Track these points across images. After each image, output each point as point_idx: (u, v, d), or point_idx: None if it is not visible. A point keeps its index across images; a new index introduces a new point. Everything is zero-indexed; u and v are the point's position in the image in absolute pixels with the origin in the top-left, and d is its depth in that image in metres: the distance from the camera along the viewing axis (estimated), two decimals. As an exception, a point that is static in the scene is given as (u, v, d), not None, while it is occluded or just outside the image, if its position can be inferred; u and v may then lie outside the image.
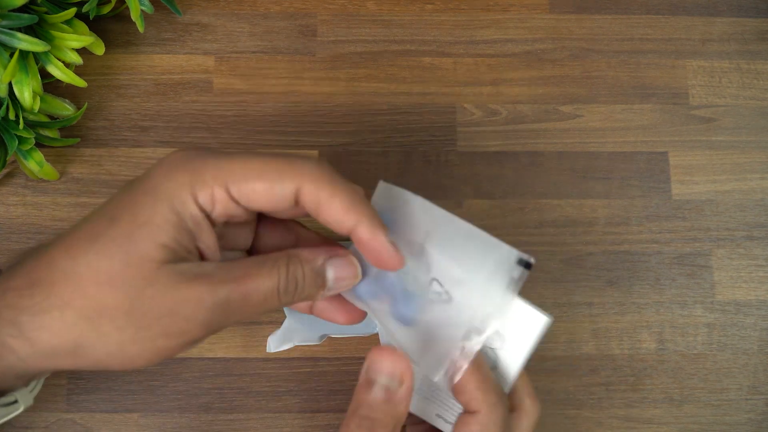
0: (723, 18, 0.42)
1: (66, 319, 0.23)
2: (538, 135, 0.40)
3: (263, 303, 0.24)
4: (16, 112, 0.34)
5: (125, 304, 0.23)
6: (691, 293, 0.38)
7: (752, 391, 0.37)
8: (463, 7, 0.41)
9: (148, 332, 0.23)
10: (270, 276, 0.24)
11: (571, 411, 0.37)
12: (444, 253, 0.26)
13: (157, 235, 0.23)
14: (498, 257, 0.26)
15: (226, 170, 0.24)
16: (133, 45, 0.40)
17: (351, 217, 0.24)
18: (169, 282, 0.23)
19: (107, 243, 0.23)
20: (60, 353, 0.23)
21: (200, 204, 0.24)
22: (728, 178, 0.40)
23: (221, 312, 0.23)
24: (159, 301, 0.23)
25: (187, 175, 0.24)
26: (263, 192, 0.24)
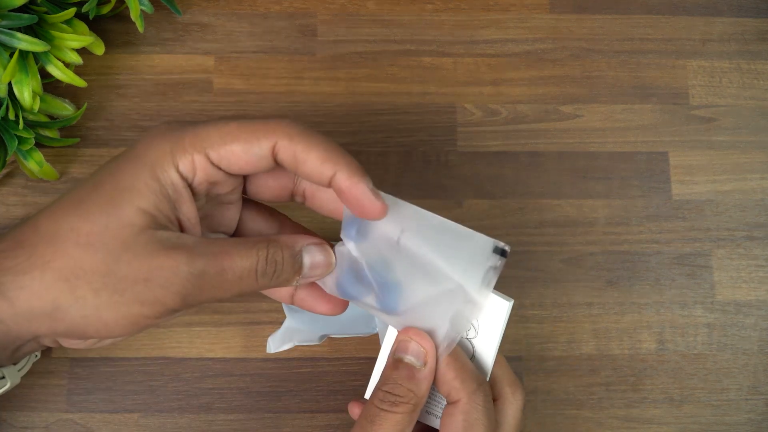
0: (723, 18, 0.42)
1: (45, 279, 0.23)
2: (538, 135, 0.40)
3: (239, 282, 0.25)
4: (16, 112, 0.34)
5: (102, 266, 0.23)
6: (691, 293, 0.38)
7: (752, 391, 0.37)
8: (463, 7, 0.41)
9: (122, 297, 0.23)
10: (248, 256, 0.25)
11: (571, 411, 0.37)
12: (420, 248, 0.27)
13: (137, 200, 0.24)
14: (474, 247, 0.26)
15: (204, 136, 0.25)
16: (133, 45, 0.40)
17: (328, 166, 0.25)
18: (147, 248, 0.23)
19: (90, 206, 0.24)
20: (38, 314, 0.23)
21: (181, 172, 0.24)
22: (728, 178, 0.40)
23: (196, 284, 0.24)
24: (135, 266, 0.23)
25: (167, 143, 0.24)
26: (241, 153, 0.24)
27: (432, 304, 0.27)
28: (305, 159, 0.25)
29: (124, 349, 0.37)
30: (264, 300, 0.37)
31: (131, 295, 0.23)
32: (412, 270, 0.27)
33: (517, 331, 0.38)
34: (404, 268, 0.27)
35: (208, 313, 0.37)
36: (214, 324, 0.37)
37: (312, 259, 0.26)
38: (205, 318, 0.37)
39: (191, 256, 0.24)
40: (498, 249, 0.26)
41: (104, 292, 0.23)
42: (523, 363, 0.37)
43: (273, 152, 0.25)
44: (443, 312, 0.27)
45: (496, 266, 0.26)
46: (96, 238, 0.23)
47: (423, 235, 0.27)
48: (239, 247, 0.25)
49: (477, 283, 0.26)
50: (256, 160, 0.25)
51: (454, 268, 0.26)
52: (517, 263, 0.38)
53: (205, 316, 0.37)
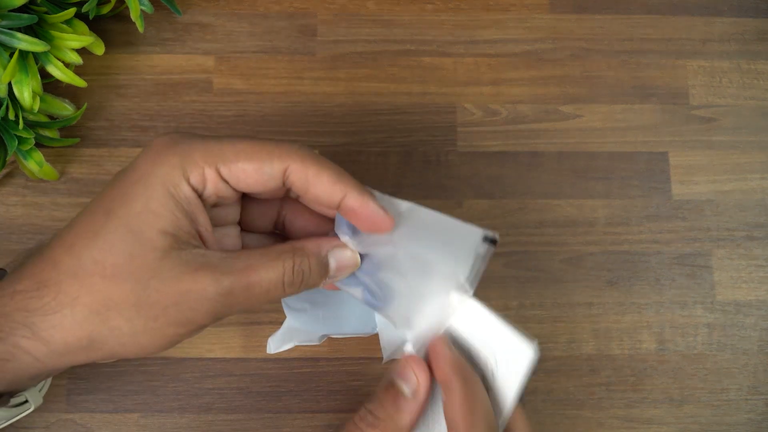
0: (723, 18, 0.42)
1: (77, 316, 0.23)
2: (538, 135, 0.40)
3: (266, 294, 0.25)
4: (16, 112, 0.34)
5: (132, 296, 0.23)
6: (691, 293, 0.38)
7: (752, 391, 0.37)
8: (463, 7, 0.41)
9: (156, 322, 0.24)
10: (274, 268, 0.25)
11: (571, 411, 0.37)
12: (413, 242, 0.27)
13: (155, 222, 0.24)
14: (464, 236, 0.27)
15: (216, 151, 0.25)
16: (133, 45, 0.40)
17: (339, 188, 0.25)
18: (174, 272, 0.24)
19: (108, 237, 0.24)
20: (74, 350, 0.24)
21: (192, 184, 0.24)
22: (728, 178, 0.40)
23: (225, 302, 0.24)
24: (165, 292, 0.23)
25: (176, 157, 0.24)
26: (252, 171, 0.25)
27: (425, 294, 0.27)
28: (316, 182, 0.25)
29: (124, 349, 0.37)
30: (264, 300, 0.37)
31: (164, 320, 0.24)
32: (405, 263, 0.27)
33: (517, 331, 0.38)
34: (398, 260, 0.27)
35: (208, 313, 0.37)
36: (214, 324, 0.37)
37: (338, 263, 0.27)
38: (205, 318, 0.37)
39: (217, 275, 0.24)
40: (487, 238, 0.27)
41: (138, 320, 0.23)
42: (523, 363, 0.37)
43: (284, 174, 0.25)
44: (435, 301, 0.27)
45: (484, 254, 0.27)
46: (122, 269, 0.23)
47: (416, 229, 0.27)
48: (264, 259, 0.25)
49: (467, 271, 0.27)
50: (266, 180, 0.25)
51: (445, 258, 0.27)
52: (517, 263, 0.38)
53: (205, 316, 0.37)
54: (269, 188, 0.26)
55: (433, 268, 0.27)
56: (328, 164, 0.26)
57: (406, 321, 0.28)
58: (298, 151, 0.25)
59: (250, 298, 0.25)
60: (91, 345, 0.24)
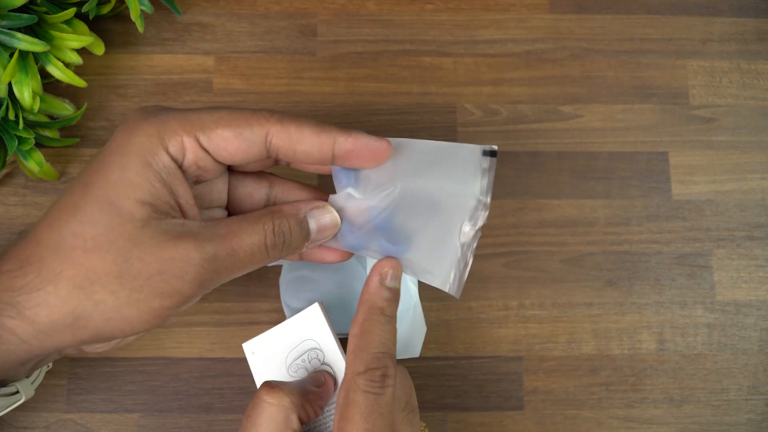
0: (723, 18, 0.42)
1: (60, 291, 0.23)
2: (538, 135, 0.40)
3: (251, 258, 0.25)
4: (16, 112, 0.34)
5: (114, 267, 0.23)
6: (691, 293, 0.38)
7: (752, 391, 0.37)
8: (463, 7, 0.41)
9: (140, 294, 0.23)
10: (255, 232, 0.25)
11: (571, 411, 0.37)
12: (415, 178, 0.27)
13: (132, 191, 0.23)
14: (464, 157, 0.27)
15: (194, 120, 0.24)
16: (133, 45, 0.40)
17: (325, 136, 0.25)
18: (155, 241, 0.23)
19: (86, 209, 0.23)
20: (59, 327, 0.23)
21: (171, 154, 0.24)
22: (728, 178, 0.40)
23: (210, 268, 0.24)
24: (147, 261, 0.23)
25: (153, 127, 0.24)
26: (233, 138, 0.24)
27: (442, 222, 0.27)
28: (300, 137, 0.25)
29: (124, 349, 0.37)
30: (264, 300, 0.37)
31: (149, 290, 0.23)
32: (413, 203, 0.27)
33: (517, 331, 0.38)
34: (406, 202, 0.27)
35: (208, 313, 0.37)
36: (214, 324, 0.37)
37: (318, 223, 0.27)
38: (205, 318, 0.37)
39: (200, 242, 0.24)
40: (487, 151, 0.28)
41: (122, 292, 0.23)
42: (523, 363, 0.37)
43: (266, 139, 0.25)
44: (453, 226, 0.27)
45: (488, 167, 0.27)
46: (102, 240, 0.23)
47: (416, 163, 0.27)
48: (244, 224, 0.25)
49: (477, 187, 0.27)
50: (248, 146, 0.25)
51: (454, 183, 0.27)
52: (517, 263, 0.38)
53: (205, 316, 0.37)
54: (252, 155, 0.25)
55: (442, 201, 0.27)
56: (307, 119, 0.25)
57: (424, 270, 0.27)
58: (275, 114, 0.25)
59: (235, 263, 0.24)
60: (76, 322, 0.23)
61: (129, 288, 0.23)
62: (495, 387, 0.37)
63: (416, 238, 0.27)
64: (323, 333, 0.29)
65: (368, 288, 0.27)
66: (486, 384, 0.37)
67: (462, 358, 0.37)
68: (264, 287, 0.37)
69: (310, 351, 0.29)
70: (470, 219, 0.27)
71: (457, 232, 0.27)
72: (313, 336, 0.29)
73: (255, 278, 0.37)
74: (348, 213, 0.28)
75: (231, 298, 0.37)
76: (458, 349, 0.37)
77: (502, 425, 0.37)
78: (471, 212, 0.27)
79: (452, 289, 0.27)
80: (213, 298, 0.37)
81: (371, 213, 0.27)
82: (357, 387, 0.25)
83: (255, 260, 0.25)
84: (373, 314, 0.27)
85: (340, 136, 0.25)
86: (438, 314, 0.37)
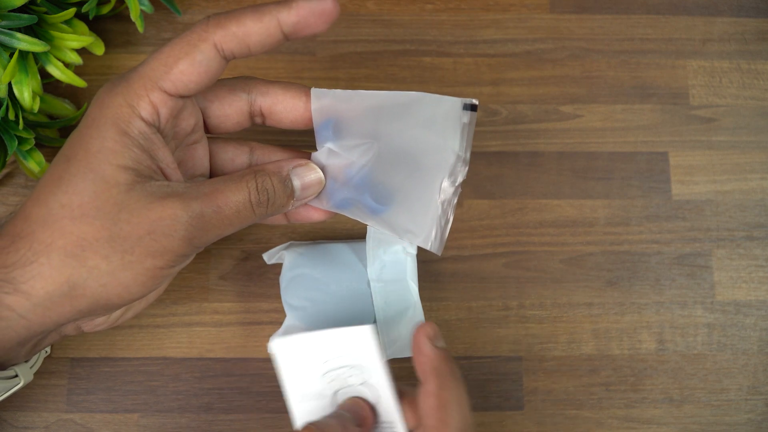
0: (723, 18, 0.42)
1: (53, 262, 0.23)
2: (538, 135, 0.40)
3: (237, 215, 0.25)
4: (16, 113, 0.34)
5: (104, 232, 0.23)
6: (691, 293, 0.38)
7: (752, 391, 0.37)
8: (463, 7, 0.41)
9: (132, 255, 0.23)
10: (239, 189, 0.25)
11: (571, 411, 0.37)
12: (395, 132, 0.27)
13: (113, 158, 0.24)
14: (446, 111, 0.27)
15: (148, 72, 0.25)
16: (133, 45, 0.40)
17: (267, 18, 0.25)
18: (141, 203, 0.24)
19: (71, 180, 0.24)
20: (56, 298, 0.23)
21: (145, 118, 0.24)
22: (728, 178, 0.40)
23: (198, 225, 0.24)
24: (135, 223, 0.23)
25: (119, 97, 0.24)
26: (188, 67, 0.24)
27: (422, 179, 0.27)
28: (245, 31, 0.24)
29: (124, 349, 0.37)
30: (264, 300, 0.37)
31: (140, 251, 0.23)
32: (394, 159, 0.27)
33: (517, 331, 0.38)
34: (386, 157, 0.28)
35: (208, 313, 0.37)
36: (214, 324, 0.37)
37: (302, 180, 0.27)
38: (205, 318, 0.37)
39: (186, 200, 0.24)
40: (467, 105, 0.27)
41: (114, 256, 0.23)
42: (523, 363, 0.37)
43: (217, 49, 0.25)
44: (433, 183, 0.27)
45: (469, 121, 0.27)
46: (89, 208, 0.23)
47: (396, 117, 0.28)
48: (228, 183, 0.25)
49: (456, 141, 0.27)
50: (206, 67, 0.25)
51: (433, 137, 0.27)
52: (517, 263, 0.38)
53: (205, 316, 0.37)
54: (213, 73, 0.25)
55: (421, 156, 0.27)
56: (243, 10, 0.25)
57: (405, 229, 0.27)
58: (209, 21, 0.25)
59: (222, 220, 0.25)
60: (72, 290, 0.23)
61: (120, 251, 0.23)
62: (495, 387, 0.37)
63: (397, 196, 0.28)
64: (372, 358, 0.27)
65: (425, 354, 0.26)
66: (486, 384, 0.37)
67: (462, 358, 0.37)
68: (264, 287, 0.37)
69: (350, 368, 0.28)
70: (450, 175, 0.27)
71: (438, 189, 0.27)
72: (358, 356, 0.27)
73: (255, 278, 0.37)
74: (330, 170, 0.28)
75: (231, 298, 0.37)
76: (458, 349, 0.37)
77: (502, 425, 0.37)
78: (451, 168, 0.27)
79: (434, 247, 0.28)
80: (213, 298, 0.37)
81: (352, 169, 0.28)
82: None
83: (241, 217, 0.25)
84: (447, 382, 0.25)
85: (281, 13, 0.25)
86: (438, 314, 0.38)
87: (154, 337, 0.37)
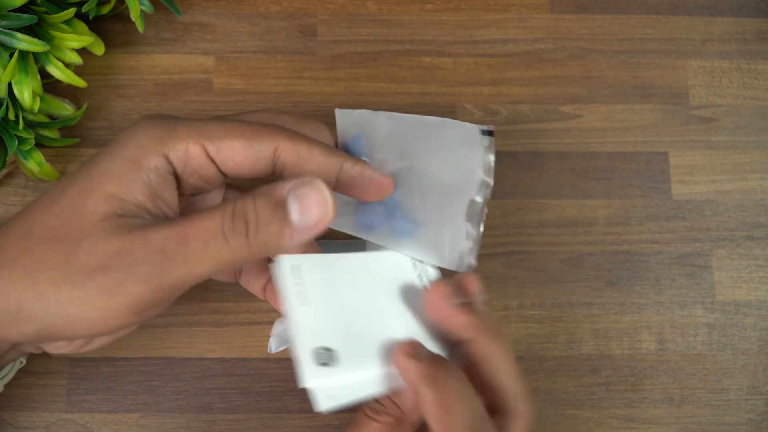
0: (723, 18, 0.42)
1: (11, 277, 0.22)
2: (538, 135, 0.40)
3: (204, 247, 0.21)
4: (16, 113, 0.34)
5: (62, 259, 0.21)
6: (691, 293, 0.38)
7: (752, 391, 0.37)
8: (463, 7, 0.41)
9: (82, 289, 0.21)
10: (212, 215, 0.21)
11: (571, 411, 0.37)
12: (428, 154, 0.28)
13: (106, 185, 0.22)
14: (467, 135, 0.29)
15: (203, 128, 0.24)
16: (133, 45, 0.40)
17: (333, 159, 0.25)
18: (107, 234, 0.21)
19: (61, 200, 0.23)
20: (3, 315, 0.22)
21: (170, 158, 0.23)
22: (728, 178, 0.40)
23: (158, 262, 0.21)
24: (93, 255, 0.21)
25: (159, 129, 0.23)
26: (241, 149, 0.24)
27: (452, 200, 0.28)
28: (309, 157, 0.25)
29: (124, 349, 0.37)
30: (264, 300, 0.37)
31: (92, 286, 0.21)
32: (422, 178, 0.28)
33: (518, 331, 0.38)
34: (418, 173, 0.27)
35: (208, 313, 0.37)
36: (214, 324, 0.37)
37: (302, 203, 0.21)
38: (205, 318, 0.37)
39: (148, 232, 0.21)
40: (484, 131, 0.29)
41: (64, 286, 0.21)
42: (523, 363, 0.37)
43: (275, 154, 0.24)
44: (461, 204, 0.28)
45: (488, 145, 0.29)
46: (60, 231, 0.22)
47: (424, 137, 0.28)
48: (204, 210, 0.22)
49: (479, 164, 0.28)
50: (256, 159, 0.24)
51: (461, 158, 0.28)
52: (517, 263, 0.38)
53: (205, 316, 0.37)
54: (258, 169, 0.24)
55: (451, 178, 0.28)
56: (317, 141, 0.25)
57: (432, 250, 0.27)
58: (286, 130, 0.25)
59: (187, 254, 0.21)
60: (19, 312, 0.22)
61: (72, 282, 0.21)
62: (495, 387, 0.37)
63: (428, 217, 0.27)
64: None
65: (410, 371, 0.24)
66: (486, 384, 0.37)
67: (462, 358, 0.37)
68: (264, 287, 0.37)
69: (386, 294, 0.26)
70: (477, 193, 0.28)
71: (465, 210, 0.27)
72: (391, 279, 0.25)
73: (255, 278, 0.37)
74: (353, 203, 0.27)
75: (231, 298, 0.37)
76: (458, 349, 0.37)
77: (502, 425, 0.37)
78: (477, 188, 0.28)
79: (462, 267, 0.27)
80: (213, 298, 0.37)
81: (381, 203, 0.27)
82: None
83: (210, 250, 0.21)
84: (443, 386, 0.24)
85: (347, 163, 0.25)
86: (438, 314, 0.37)
87: (154, 337, 0.37)
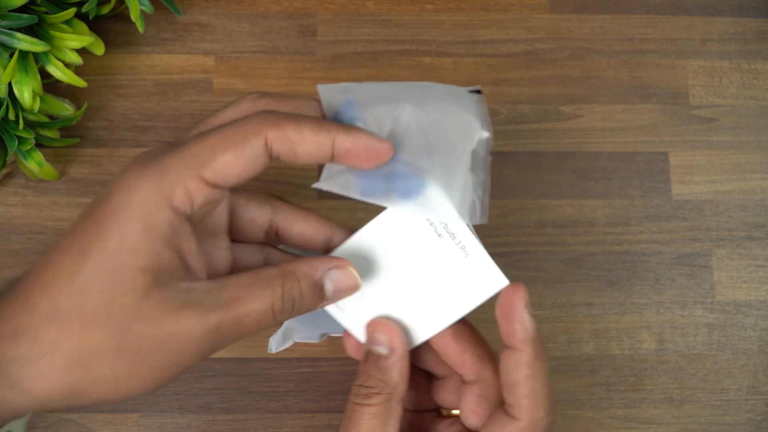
0: (723, 18, 0.42)
1: (56, 365, 0.22)
2: (538, 135, 0.40)
3: (257, 324, 0.24)
4: (16, 113, 0.34)
5: (113, 343, 0.22)
6: (691, 293, 0.38)
7: (752, 391, 0.37)
8: (463, 7, 0.41)
9: (140, 368, 0.22)
10: (263, 297, 0.24)
11: (571, 411, 0.37)
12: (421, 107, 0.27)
13: (133, 259, 0.22)
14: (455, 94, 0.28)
15: (191, 159, 0.23)
16: (133, 45, 0.40)
17: (324, 135, 0.24)
18: (156, 314, 0.22)
19: (85, 278, 0.22)
20: (55, 398, 0.22)
21: (175, 206, 0.23)
22: (728, 178, 0.40)
23: (212, 339, 0.23)
24: (148, 336, 0.22)
25: (150, 181, 0.23)
26: (235, 160, 0.23)
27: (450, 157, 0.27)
28: (300, 138, 0.24)
29: (124, 349, 0.37)
30: (264, 300, 0.37)
31: (150, 364, 0.23)
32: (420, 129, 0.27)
33: (517, 331, 0.38)
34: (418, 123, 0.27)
35: (208, 313, 0.37)
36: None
37: (335, 285, 0.25)
38: (205, 318, 0.37)
39: (202, 312, 0.23)
40: (473, 91, 0.29)
41: (121, 368, 0.22)
42: (523, 363, 0.37)
43: (266, 146, 0.24)
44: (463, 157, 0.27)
45: (479, 101, 0.28)
46: (101, 314, 0.22)
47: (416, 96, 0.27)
48: (253, 288, 0.24)
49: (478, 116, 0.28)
50: (252, 162, 0.24)
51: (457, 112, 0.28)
52: (517, 263, 0.38)
53: (205, 316, 0.37)
54: (258, 168, 0.24)
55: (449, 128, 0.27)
56: (301, 117, 0.24)
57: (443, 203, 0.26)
58: (270, 116, 0.24)
59: (239, 330, 0.24)
60: (73, 394, 0.22)
61: (129, 363, 0.22)
62: (495, 387, 0.37)
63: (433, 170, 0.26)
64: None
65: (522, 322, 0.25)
66: (486, 384, 0.37)
67: (462, 358, 0.37)
68: (264, 287, 0.37)
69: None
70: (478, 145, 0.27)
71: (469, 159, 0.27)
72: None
73: (255, 278, 0.37)
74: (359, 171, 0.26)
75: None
76: (458, 349, 0.37)
77: (502, 425, 0.37)
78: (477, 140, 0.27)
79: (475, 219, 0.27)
80: (213, 298, 0.37)
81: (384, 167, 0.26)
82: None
83: (261, 326, 0.24)
84: (540, 351, 0.25)
85: (339, 135, 0.24)
86: (438, 314, 0.37)
87: (154, 337, 0.37)
